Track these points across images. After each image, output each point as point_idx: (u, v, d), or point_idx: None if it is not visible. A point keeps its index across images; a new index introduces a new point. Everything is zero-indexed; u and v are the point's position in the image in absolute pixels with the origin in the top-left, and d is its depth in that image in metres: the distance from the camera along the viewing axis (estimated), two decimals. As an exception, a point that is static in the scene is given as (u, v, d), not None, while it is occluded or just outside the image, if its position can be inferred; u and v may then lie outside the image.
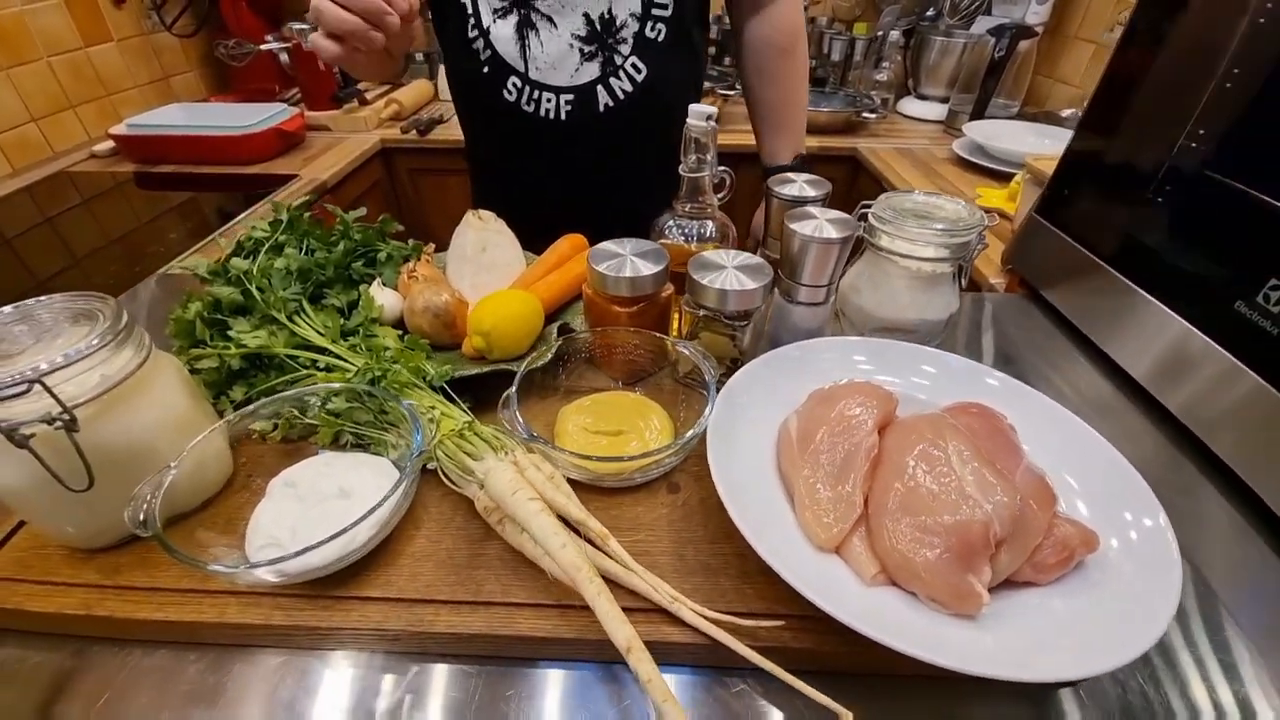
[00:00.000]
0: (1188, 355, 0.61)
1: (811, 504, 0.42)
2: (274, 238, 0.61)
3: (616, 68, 0.81)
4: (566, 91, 0.82)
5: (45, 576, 0.42)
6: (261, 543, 0.41)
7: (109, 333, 0.39)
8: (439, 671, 0.40)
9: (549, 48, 0.79)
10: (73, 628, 0.41)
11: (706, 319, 0.55)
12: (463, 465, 0.44)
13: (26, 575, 0.42)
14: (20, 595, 0.41)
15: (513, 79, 0.82)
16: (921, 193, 0.59)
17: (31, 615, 0.41)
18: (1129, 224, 0.72)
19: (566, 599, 0.41)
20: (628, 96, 0.83)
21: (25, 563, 0.43)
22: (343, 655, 0.41)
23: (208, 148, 1.36)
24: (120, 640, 0.42)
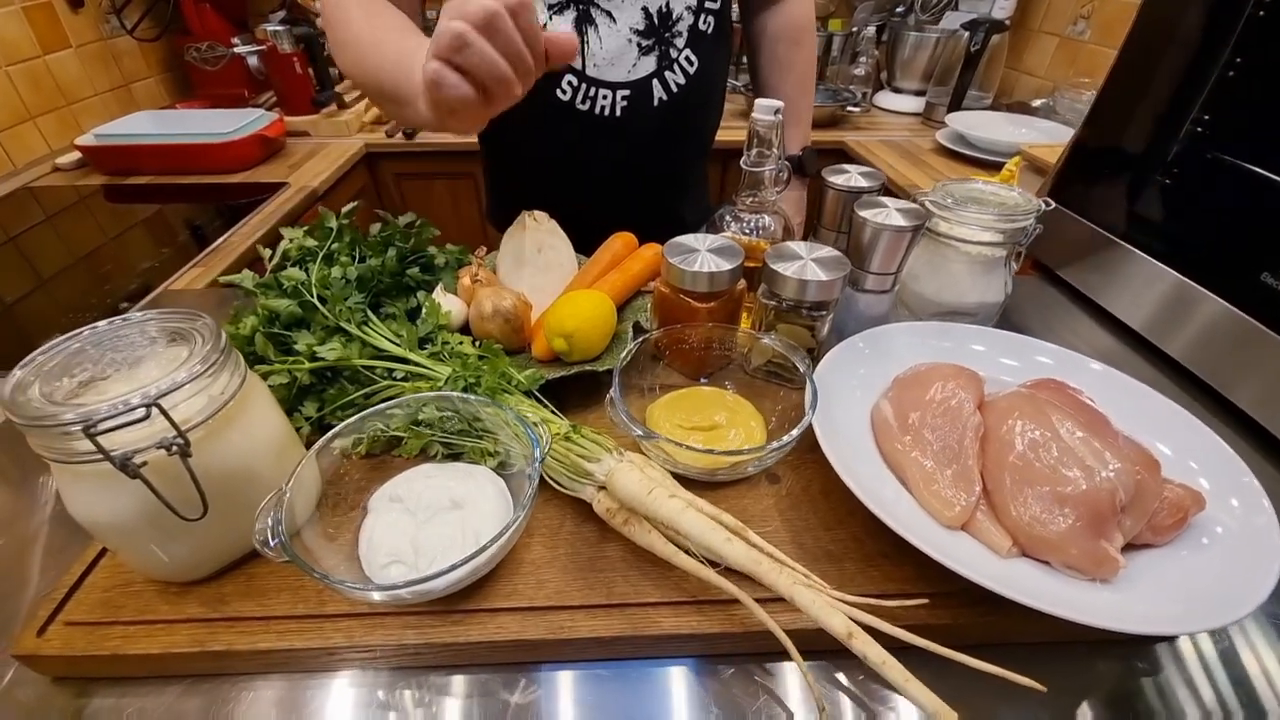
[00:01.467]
0: (1210, 320, 0.65)
1: (931, 485, 0.43)
2: (326, 246, 0.58)
3: (672, 61, 0.80)
4: (623, 87, 0.80)
5: (142, 615, 0.40)
6: (384, 561, 0.40)
7: (213, 352, 0.37)
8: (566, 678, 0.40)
9: (608, 43, 0.77)
10: (180, 667, 0.39)
11: (784, 310, 0.55)
12: (577, 469, 0.44)
13: (120, 616, 0.40)
14: (117, 639, 0.38)
15: (569, 77, 0.80)
16: (979, 181, 0.61)
17: (133, 659, 0.38)
18: (1141, 203, 0.77)
19: (702, 594, 0.41)
20: (680, 90, 0.82)
21: (114, 603, 0.40)
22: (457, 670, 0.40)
23: (185, 157, 1.29)
24: (231, 674, 0.39)
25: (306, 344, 0.52)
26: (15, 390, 0.34)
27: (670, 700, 0.39)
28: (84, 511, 0.36)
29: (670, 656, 0.41)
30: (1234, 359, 0.63)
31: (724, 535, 0.36)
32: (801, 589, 0.33)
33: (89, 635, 0.38)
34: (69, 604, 0.40)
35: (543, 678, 0.40)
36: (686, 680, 0.40)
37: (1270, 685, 0.40)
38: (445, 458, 0.49)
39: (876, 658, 0.28)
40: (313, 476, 0.44)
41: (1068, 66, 1.71)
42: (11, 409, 0.33)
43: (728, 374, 0.59)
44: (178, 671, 0.39)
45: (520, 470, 0.46)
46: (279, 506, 0.37)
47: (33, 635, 0.38)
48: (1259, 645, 0.42)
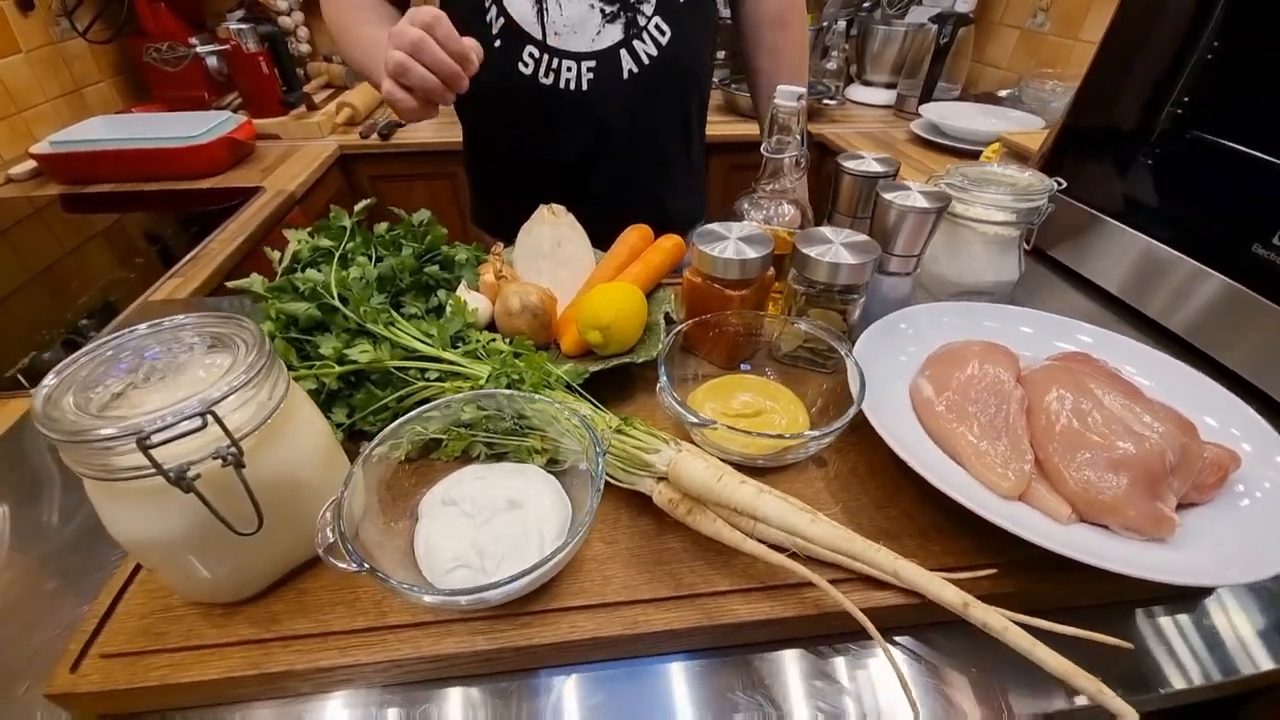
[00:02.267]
0: (1195, 288, 0.69)
1: (983, 458, 0.44)
2: (342, 246, 0.56)
3: (640, 29, 0.77)
4: (588, 58, 0.77)
5: (189, 641, 0.37)
6: (448, 566, 0.38)
7: (259, 357, 0.35)
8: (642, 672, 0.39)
9: (568, 10, 0.74)
10: (236, 693, 0.37)
11: (815, 295, 0.56)
12: (634, 461, 0.43)
13: (164, 644, 0.37)
14: (164, 667, 0.36)
15: (529, 48, 0.77)
16: (993, 165, 0.63)
17: (184, 688, 0.36)
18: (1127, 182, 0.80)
19: (772, 579, 0.41)
20: (652, 62, 0.79)
21: (155, 630, 0.38)
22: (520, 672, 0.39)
23: (151, 162, 1.22)
24: (290, 695, 0.37)
25: (333, 348, 0.50)
26: (47, 404, 0.31)
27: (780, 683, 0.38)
28: (126, 531, 0.34)
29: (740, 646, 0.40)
30: (1222, 324, 0.67)
31: (808, 516, 0.36)
32: (905, 564, 0.33)
33: (131, 667, 0.36)
34: (102, 634, 0.37)
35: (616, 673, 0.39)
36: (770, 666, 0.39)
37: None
38: (488, 458, 0.48)
39: (998, 624, 0.28)
40: (361, 484, 0.42)
41: (1029, 57, 1.78)
42: (46, 424, 0.30)
43: (756, 362, 0.59)
44: (233, 698, 0.37)
45: (573, 466, 0.45)
46: (339, 514, 0.35)
47: (66, 671, 0.35)
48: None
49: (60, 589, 0.43)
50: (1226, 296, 0.65)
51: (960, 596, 0.31)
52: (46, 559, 0.45)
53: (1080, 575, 0.40)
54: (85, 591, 0.42)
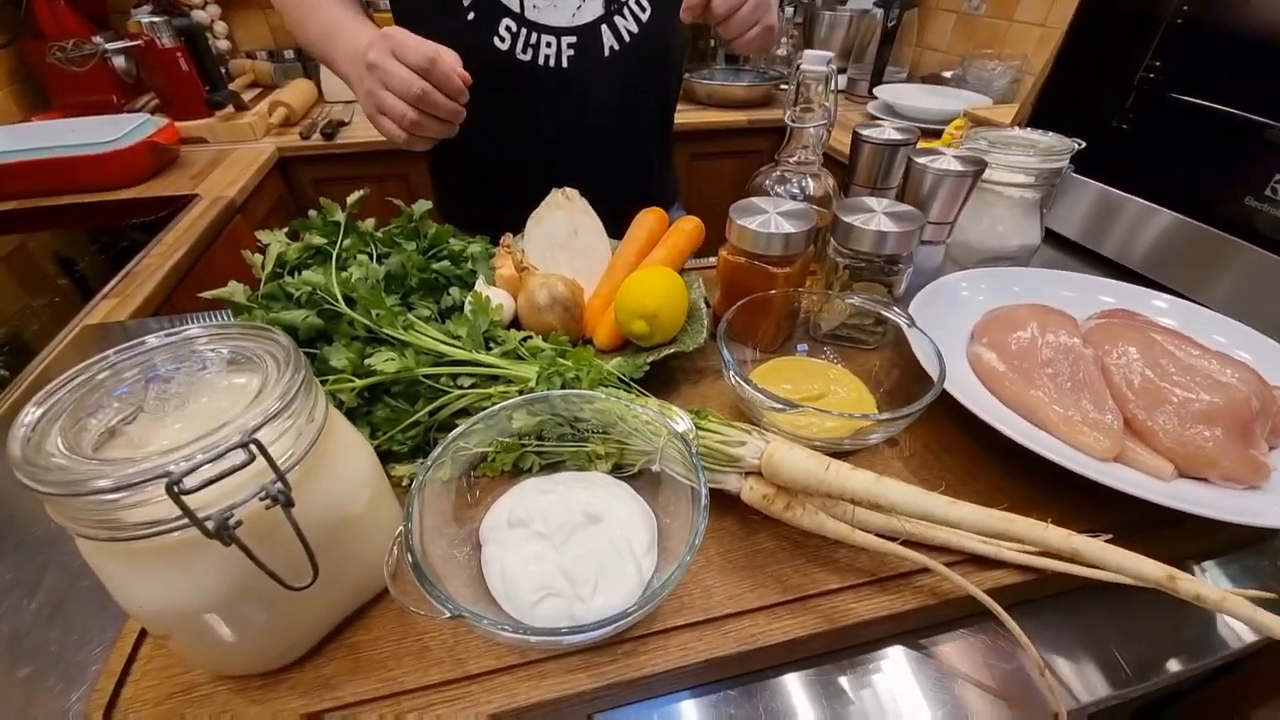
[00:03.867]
0: (1173, 235, 0.73)
1: (1071, 422, 0.42)
2: (338, 245, 0.49)
3: (621, 4, 0.73)
4: (568, 33, 0.73)
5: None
6: (534, 597, 0.33)
7: (296, 372, 0.28)
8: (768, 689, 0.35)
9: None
10: (292, 780, 0.30)
11: (859, 268, 0.53)
12: (719, 457, 0.39)
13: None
14: (198, 761, 0.29)
15: (506, 22, 0.72)
16: (1013, 129, 0.62)
17: (226, 782, 0.29)
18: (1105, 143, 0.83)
19: (881, 570, 0.38)
20: (633, 39, 0.76)
21: (178, 716, 0.31)
22: (653, 704, 0.34)
23: (61, 174, 1.07)
24: (357, 776, 0.31)
25: (347, 359, 0.43)
26: (29, 446, 0.24)
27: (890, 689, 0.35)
28: (144, 599, 0.27)
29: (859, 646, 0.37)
30: (1201, 267, 0.71)
31: (944, 499, 0.33)
32: (1086, 541, 0.31)
33: (155, 767, 0.29)
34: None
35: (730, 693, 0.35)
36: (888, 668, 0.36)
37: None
38: (541, 469, 0.43)
39: (1214, 596, 0.26)
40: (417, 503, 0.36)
41: (967, 40, 1.85)
42: (32, 474, 0.23)
43: (800, 342, 0.56)
44: (287, 786, 0.30)
45: (645, 469, 0.41)
46: (412, 551, 0.29)
47: (73, 786, 0.28)
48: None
49: (38, 675, 0.35)
50: (1203, 240, 0.70)
51: (1162, 570, 0.28)
52: (14, 638, 0.37)
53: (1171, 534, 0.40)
54: (72, 675, 0.34)
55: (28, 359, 0.70)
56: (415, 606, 0.28)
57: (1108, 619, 0.39)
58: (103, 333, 0.68)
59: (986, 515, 0.32)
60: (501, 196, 0.68)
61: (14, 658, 0.35)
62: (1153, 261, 0.77)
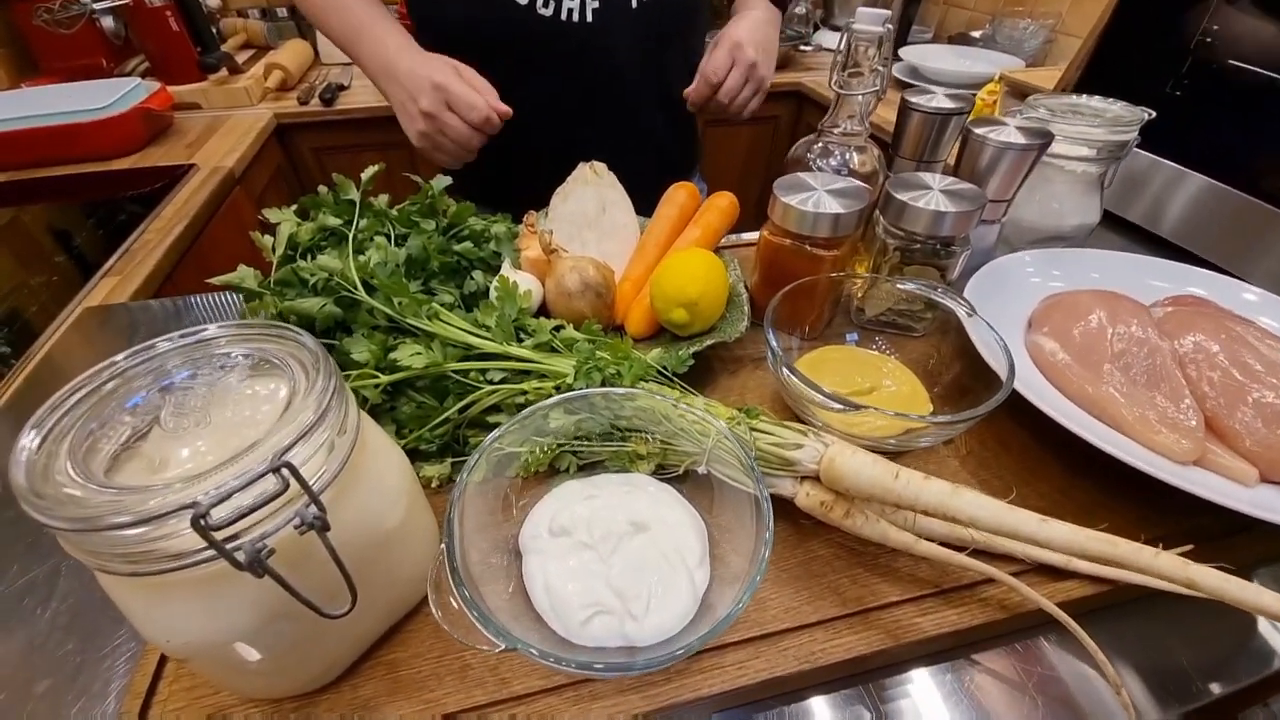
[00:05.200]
0: (1228, 211, 0.69)
1: (1147, 420, 0.40)
2: (354, 226, 0.45)
3: None
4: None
5: (260, 751, 0.29)
6: (583, 614, 0.31)
7: (327, 380, 0.26)
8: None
9: None
10: (332, 808, 0.29)
11: (911, 250, 0.50)
12: (773, 460, 0.36)
13: (225, 759, 0.28)
14: (232, 790, 0.27)
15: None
16: (1078, 96, 0.58)
17: (264, 812, 0.27)
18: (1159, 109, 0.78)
19: (945, 581, 0.36)
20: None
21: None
22: None
23: (52, 143, 1.02)
24: (400, 801, 0.30)
25: (369, 352, 0.40)
26: (34, 474, 0.21)
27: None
28: (170, 633, 0.24)
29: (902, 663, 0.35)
30: (1249, 244, 0.67)
31: (1034, 517, 0.30)
32: (1204, 570, 0.28)
33: (188, 798, 0.27)
34: (136, 757, 0.28)
35: (788, 713, 0.33)
36: (945, 680, 0.35)
37: None
38: (578, 469, 0.40)
39: None
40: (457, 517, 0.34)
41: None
42: (40, 507, 0.21)
43: (834, 330, 0.53)
44: (327, 814, 0.29)
45: (688, 472, 0.38)
46: (455, 574, 0.27)
47: (103, 820, 0.26)
48: None
49: (58, 690, 0.33)
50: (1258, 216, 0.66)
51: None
52: (30, 649, 0.35)
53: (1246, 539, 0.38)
54: (94, 691, 0.33)
55: (29, 339, 0.67)
56: (464, 638, 0.26)
57: (1170, 627, 0.37)
58: (104, 315, 0.65)
59: (1085, 538, 0.30)
60: (522, 166, 0.63)
61: (31, 671, 0.34)
62: (1208, 241, 0.73)
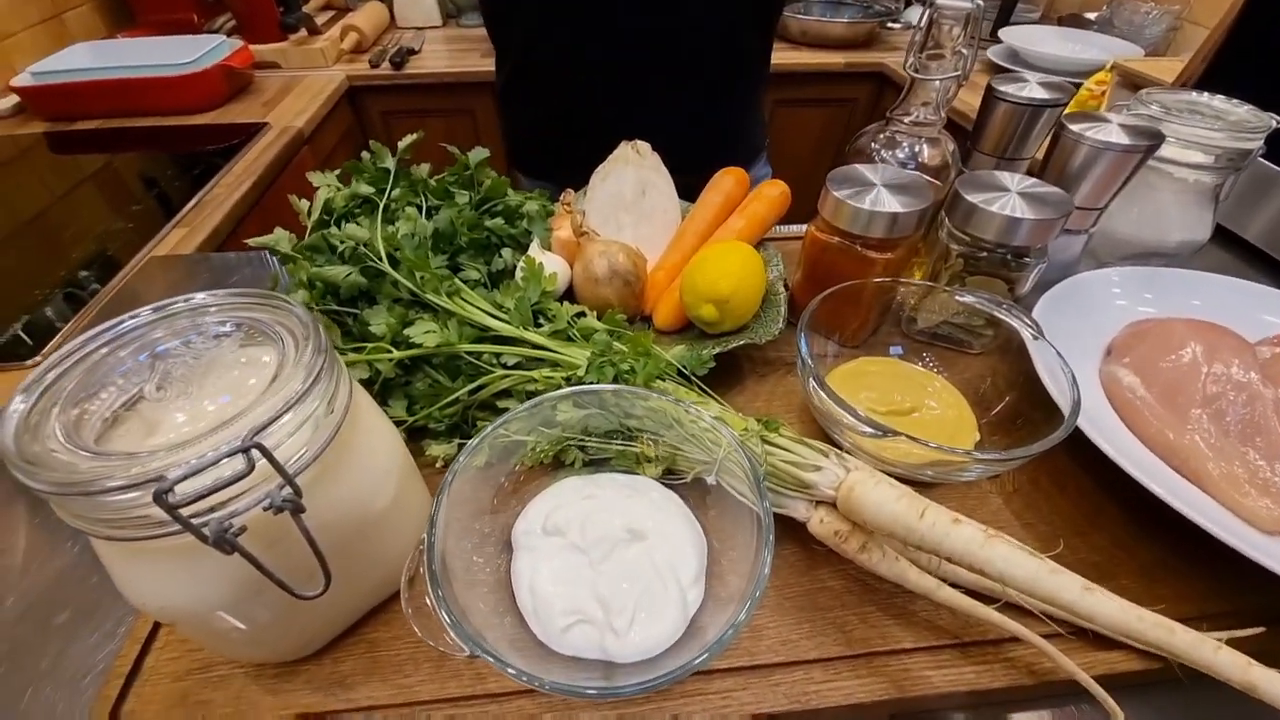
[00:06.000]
0: None
1: (1232, 479, 0.34)
2: (387, 194, 0.45)
3: None
4: None
5: (240, 716, 0.29)
6: (564, 622, 0.30)
7: (316, 357, 0.25)
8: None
9: None
10: (302, 779, 0.29)
11: (977, 259, 0.45)
12: (786, 479, 0.34)
13: (210, 717, 0.29)
14: (210, 748, 0.28)
15: None
16: (1195, 93, 0.50)
17: (237, 774, 0.28)
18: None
19: (966, 634, 0.32)
20: None
21: (194, 696, 0.30)
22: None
23: (139, 95, 1.08)
24: (369, 780, 0.30)
25: (386, 325, 0.40)
26: (21, 432, 0.22)
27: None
28: (149, 597, 0.25)
29: (926, 710, 0.32)
30: None
31: (1078, 582, 0.26)
32: (1269, 675, 0.24)
33: (168, 749, 0.28)
34: (128, 700, 0.29)
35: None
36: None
37: None
38: (585, 465, 0.39)
39: None
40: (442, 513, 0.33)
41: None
42: (26, 470, 0.21)
43: (881, 338, 0.49)
44: (297, 783, 0.29)
45: (696, 479, 0.36)
46: (431, 570, 0.26)
47: (89, 758, 0.27)
48: None
49: (75, 622, 0.35)
50: None
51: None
52: (58, 580, 0.37)
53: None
54: (107, 629, 0.34)
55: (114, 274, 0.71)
56: (433, 640, 0.25)
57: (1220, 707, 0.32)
58: (167, 265, 0.68)
59: (1137, 619, 0.25)
60: (574, 135, 0.60)
61: (53, 602, 0.36)
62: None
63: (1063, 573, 0.26)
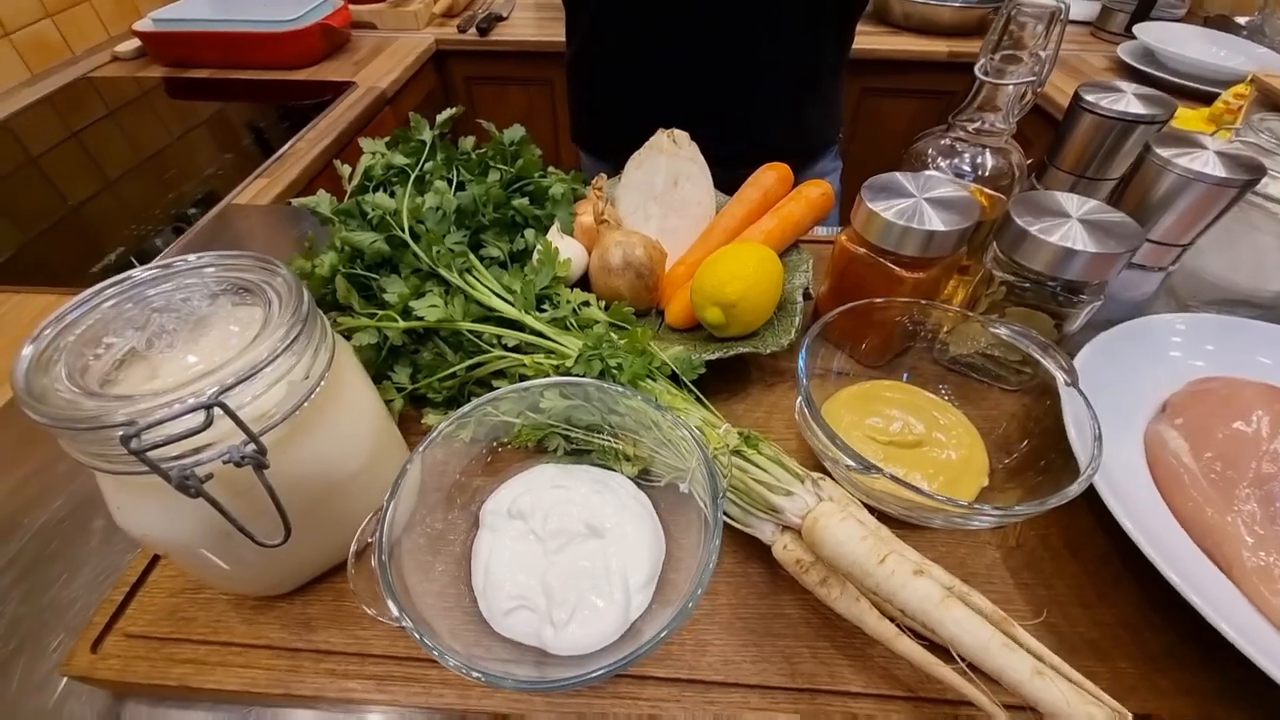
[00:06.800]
0: None
1: (1267, 575, 0.30)
2: (419, 165, 0.46)
3: None
4: None
5: (215, 635, 0.32)
6: (508, 605, 0.30)
7: (295, 322, 0.26)
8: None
9: None
10: (260, 702, 0.32)
11: (1023, 289, 0.41)
12: (756, 500, 0.33)
13: (189, 632, 0.32)
14: (184, 663, 0.31)
15: None
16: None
17: (204, 693, 0.31)
18: None
19: (925, 688, 0.30)
20: None
21: (182, 613, 0.33)
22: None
23: (244, 47, 1.16)
24: (320, 716, 0.32)
25: (399, 294, 0.41)
26: (32, 372, 0.24)
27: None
28: (134, 526, 0.28)
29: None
30: None
31: (1030, 663, 0.24)
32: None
33: (151, 656, 0.31)
34: (130, 607, 0.33)
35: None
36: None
37: None
38: (567, 454, 0.39)
39: None
40: (415, 481, 0.34)
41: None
42: (30, 402, 0.23)
43: (910, 361, 0.46)
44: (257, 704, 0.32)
45: (670, 484, 0.35)
46: (383, 538, 0.28)
47: (87, 649, 0.31)
48: None
49: (108, 529, 0.40)
50: None
51: None
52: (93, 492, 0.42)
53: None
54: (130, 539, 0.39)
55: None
56: (367, 603, 0.27)
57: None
58: (242, 213, 0.74)
59: (1086, 717, 0.23)
60: (635, 118, 0.58)
61: (93, 507, 0.40)
62: None
63: (1015, 650, 0.24)
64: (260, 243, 0.70)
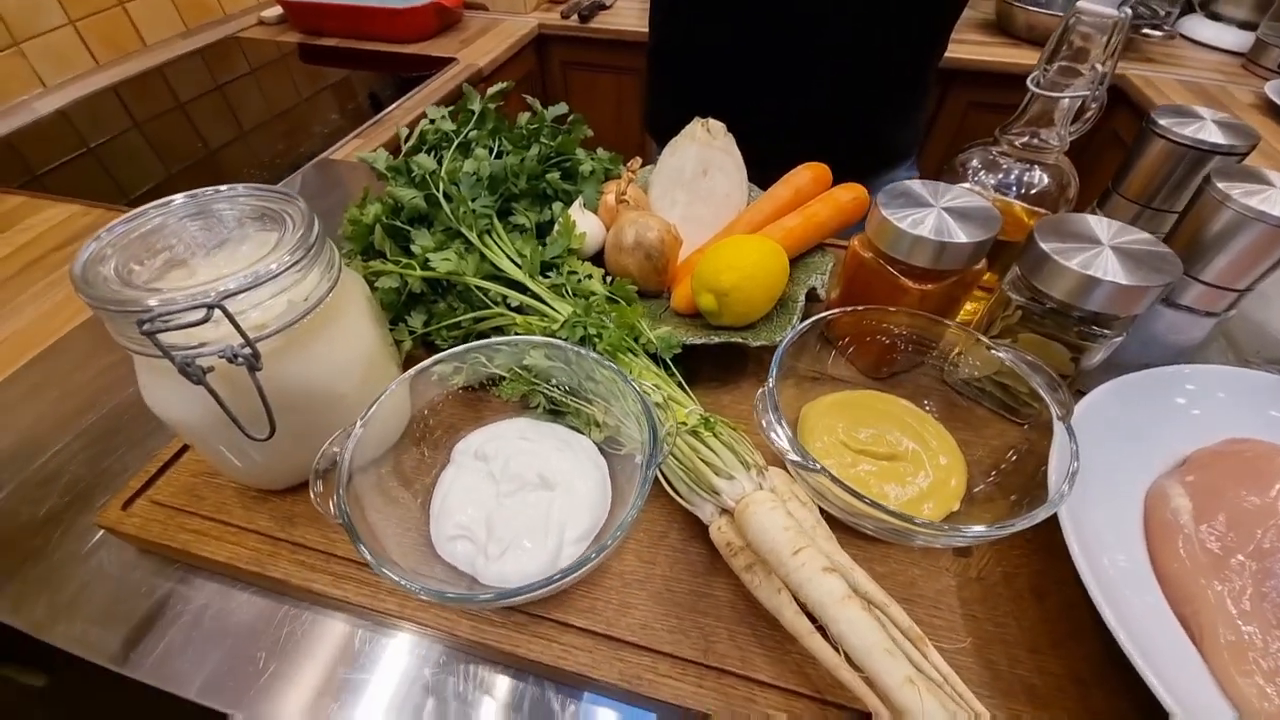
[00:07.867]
0: None
1: (1239, 652, 0.27)
2: (463, 133, 0.50)
3: None
4: None
5: (217, 514, 0.37)
6: (452, 532, 0.33)
7: (300, 247, 0.30)
8: None
9: None
10: (244, 578, 0.36)
11: (1040, 315, 0.38)
12: (700, 479, 0.33)
13: (198, 508, 0.38)
14: (189, 533, 0.36)
15: None
16: None
17: (200, 559, 0.36)
18: None
19: (834, 692, 0.30)
20: None
21: (197, 491, 0.39)
22: (532, 683, 0.33)
23: (366, 20, 1.27)
24: (290, 600, 0.36)
25: (423, 246, 0.45)
26: (88, 264, 0.30)
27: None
28: (157, 406, 0.33)
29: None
30: None
31: (904, 674, 0.23)
32: None
33: (166, 523, 0.37)
34: (161, 480, 0.39)
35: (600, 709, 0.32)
36: (786, 792, 0.30)
37: None
38: (547, 412, 0.41)
39: None
40: (401, 406, 0.38)
41: None
42: (80, 286, 0.29)
43: (916, 379, 0.44)
44: (243, 580, 0.37)
45: (629, 454, 0.37)
46: (344, 450, 0.31)
47: (119, 507, 0.37)
48: None
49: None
50: None
51: None
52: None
53: None
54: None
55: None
56: (319, 502, 0.30)
57: None
58: (332, 167, 0.82)
59: None
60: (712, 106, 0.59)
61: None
62: None
63: (896, 656, 0.23)
64: (341, 192, 0.77)
